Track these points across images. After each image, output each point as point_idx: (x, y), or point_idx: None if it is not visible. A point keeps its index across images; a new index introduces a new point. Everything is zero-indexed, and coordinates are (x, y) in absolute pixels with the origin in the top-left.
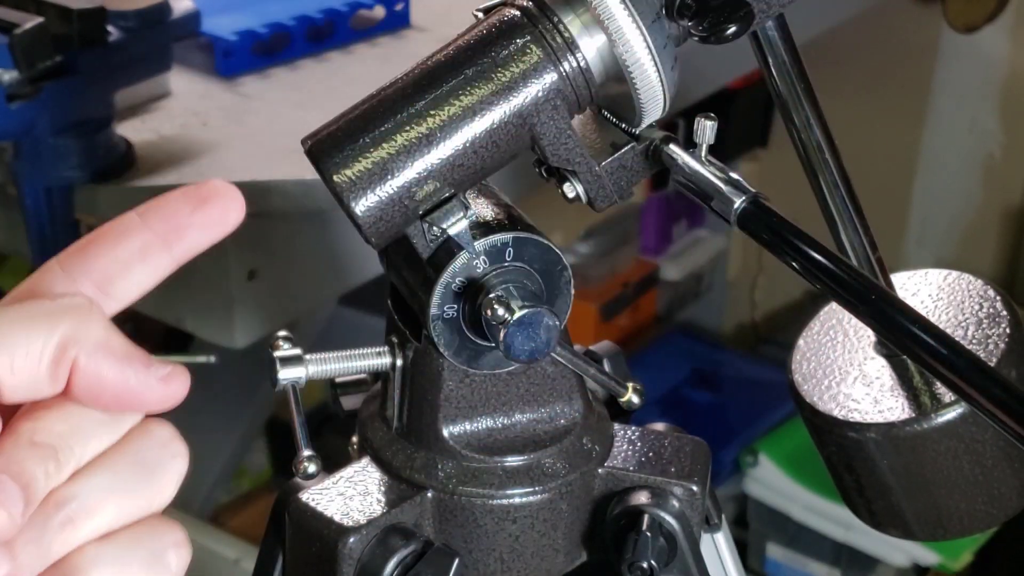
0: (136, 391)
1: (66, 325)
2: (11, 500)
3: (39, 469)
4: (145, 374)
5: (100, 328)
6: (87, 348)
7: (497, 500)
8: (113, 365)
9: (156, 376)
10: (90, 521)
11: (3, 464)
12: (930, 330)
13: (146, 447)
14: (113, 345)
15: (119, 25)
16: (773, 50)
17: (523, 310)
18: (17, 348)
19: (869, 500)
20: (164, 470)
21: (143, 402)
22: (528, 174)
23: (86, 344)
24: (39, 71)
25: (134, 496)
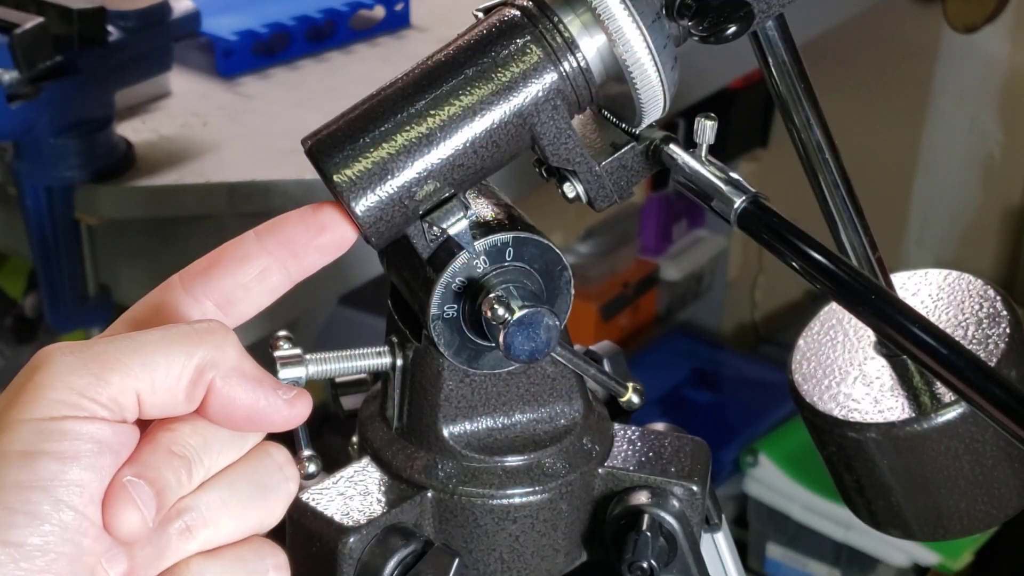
0: (265, 412)
1: (204, 350)
2: (146, 503)
3: (173, 477)
4: (274, 396)
5: (235, 353)
6: (223, 372)
7: (497, 500)
8: (246, 388)
9: (284, 398)
10: (205, 532)
11: (142, 470)
12: (930, 330)
13: (264, 468)
14: (246, 369)
15: (119, 25)
16: (773, 50)
17: (523, 310)
18: (158, 369)
19: (869, 500)
20: (277, 491)
21: (271, 422)
22: (528, 174)
23: (222, 368)
24: (39, 71)
25: (248, 513)
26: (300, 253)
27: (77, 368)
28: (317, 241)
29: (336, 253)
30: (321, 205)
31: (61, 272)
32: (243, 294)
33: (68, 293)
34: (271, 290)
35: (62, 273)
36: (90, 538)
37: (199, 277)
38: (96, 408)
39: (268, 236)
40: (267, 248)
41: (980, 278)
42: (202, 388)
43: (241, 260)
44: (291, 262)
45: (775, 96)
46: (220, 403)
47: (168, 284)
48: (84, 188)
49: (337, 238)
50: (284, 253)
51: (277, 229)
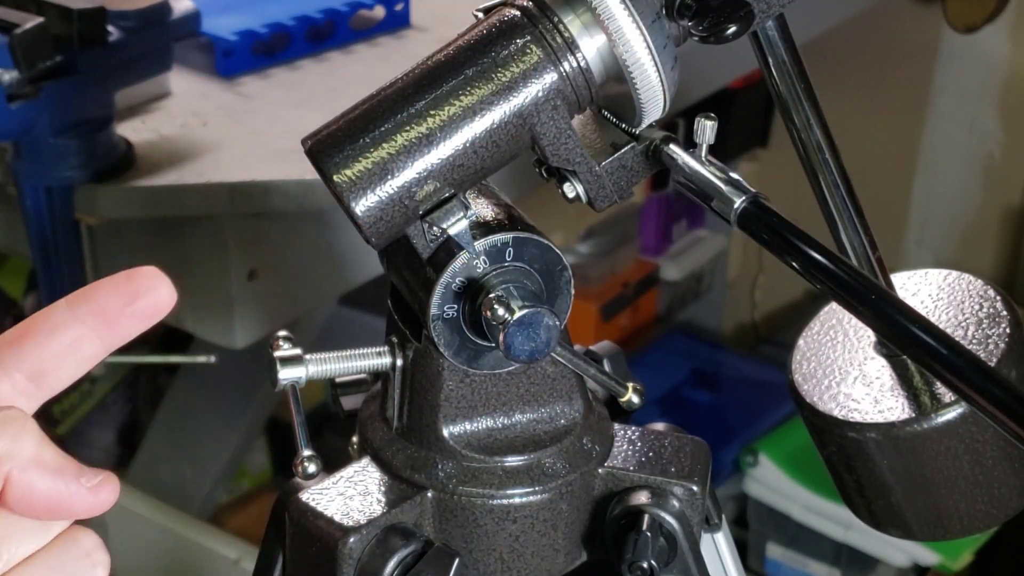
0: (67, 501)
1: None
2: None
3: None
4: (76, 485)
5: (33, 443)
6: (20, 464)
7: (497, 500)
8: (45, 478)
9: (87, 486)
10: None
11: None
12: (930, 330)
13: (69, 556)
14: (46, 459)
15: (119, 25)
16: (773, 50)
17: (523, 310)
18: None
19: (869, 500)
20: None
21: (74, 510)
22: (528, 174)
23: (19, 460)
24: (39, 71)
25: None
26: (113, 322)
27: None
28: (131, 309)
29: (152, 319)
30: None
31: (61, 272)
32: (55, 365)
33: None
34: (85, 360)
35: (62, 273)
36: None
37: (9, 349)
38: None
39: (80, 305)
40: (79, 317)
41: (980, 278)
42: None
43: (52, 331)
44: (104, 331)
45: (775, 96)
46: (19, 494)
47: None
48: (84, 188)
49: (151, 305)
50: (97, 322)
51: (89, 298)
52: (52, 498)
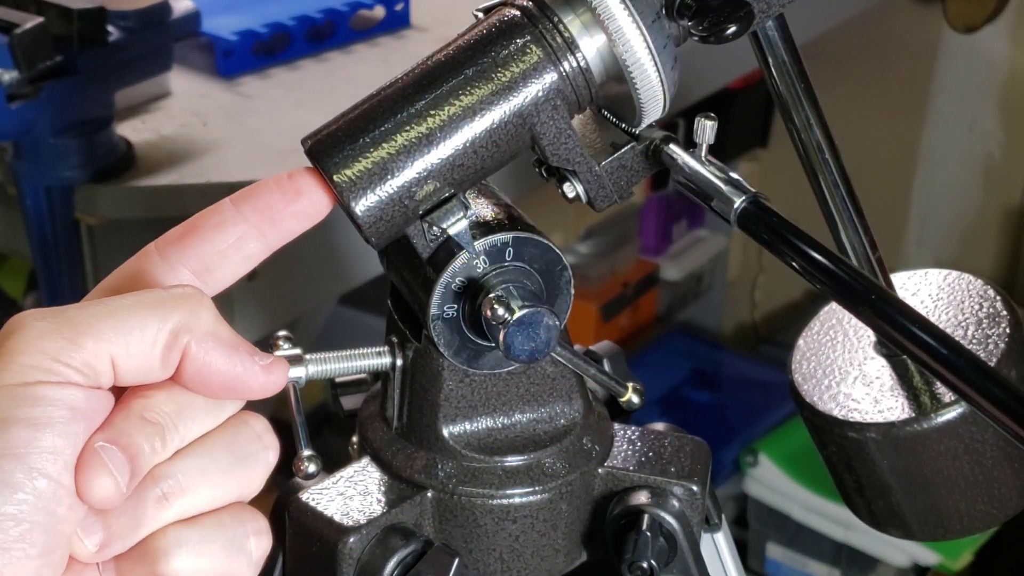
0: (241, 378)
1: (179, 314)
2: (120, 469)
3: (147, 444)
4: (250, 362)
5: (210, 318)
6: (198, 336)
7: (497, 500)
8: (222, 353)
9: (260, 364)
10: (182, 500)
11: (115, 436)
12: (930, 330)
13: (242, 436)
14: (222, 334)
15: (119, 25)
16: (773, 50)
17: (523, 310)
18: (132, 334)
19: (869, 500)
20: (256, 460)
21: (248, 388)
22: (528, 174)
23: (197, 333)
24: (39, 71)
25: (226, 481)
26: (277, 219)
27: (50, 333)
28: (293, 207)
29: (313, 220)
30: (297, 171)
31: (61, 272)
32: (220, 261)
33: (68, 293)
34: (248, 257)
35: (62, 273)
36: (65, 506)
37: (175, 244)
38: (69, 373)
39: (244, 203)
40: (244, 215)
41: (980, 278)
42: (177, 353)
43: (217, 227)
44: (268, 228)
45: (775, 96)
46: (195, 368)
47: (144, 252)
48: (84, 188)
49: (314, 204)
50: (261, 219)
51: (253, 195)
52: (227, 373)
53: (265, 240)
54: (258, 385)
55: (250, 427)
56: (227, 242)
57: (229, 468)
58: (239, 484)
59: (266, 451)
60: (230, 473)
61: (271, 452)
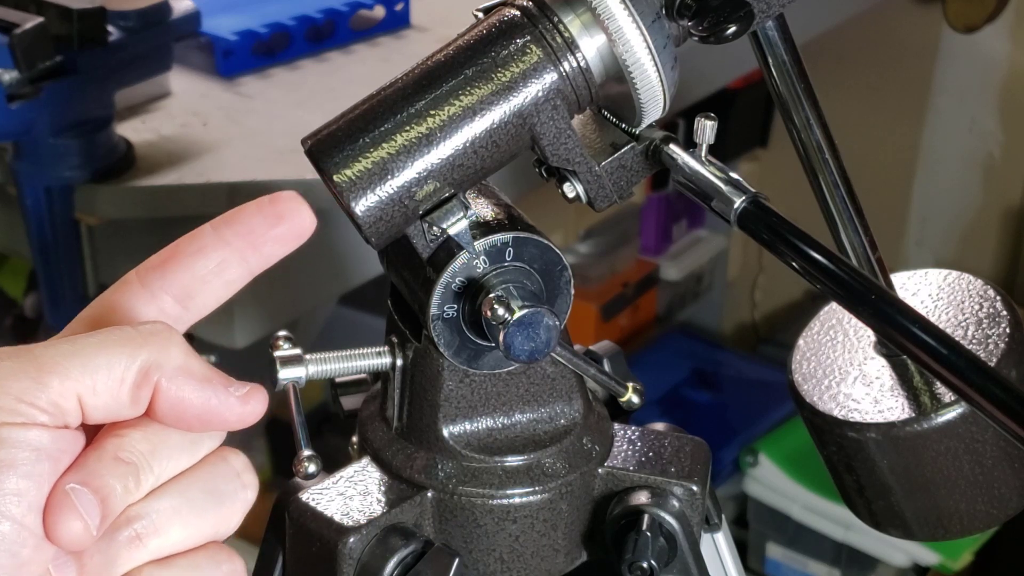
0: (217, 410)
1: (147, 351)
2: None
3: (119, 484)
4: (225, 394)
5: (180, 353)
6: (168, 372)
7: (497, 500)
8: (194, 387)
9: (235, 396)
10: (156, 540)
11: (86, 477)
12: (930, 330)
13: (220, 474)
14: (193, 368)
15: (119, 25)
16: (773, 50)
17: (523, 310)
18: (99, 372)
19: (869, 500)
20: (233, 499)
21: (224, 420)
22: (528, 174)
23: (167, 369)
24: (39, 71)
25: (201, 521)
26: (258, 244)
27: (15, 372)
28: (275, 232)
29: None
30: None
31: (61, 272)
32: (201, 287)
33: (68, 293)
34: (229, 283)
35: (62, 273)
36: (29, 548)
37: (155, 272)
38: (34, 413)
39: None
40: (224, 240)
41: (980, 278)
42: (148, 390)
43: (197, 252)
44: (250, 253)
45: (775, 96)
46: (168, 404)
47: (124, 281)
48: (84, 188)
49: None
50: (242, 244)
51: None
52: (202, 407)
53: (247, 265)
54: (235, 417)
55: (229, 464)
56: (208, 268)
57: (205, 508)
58: (215, 524)
59: (244, 489)
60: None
61: (249, 491)
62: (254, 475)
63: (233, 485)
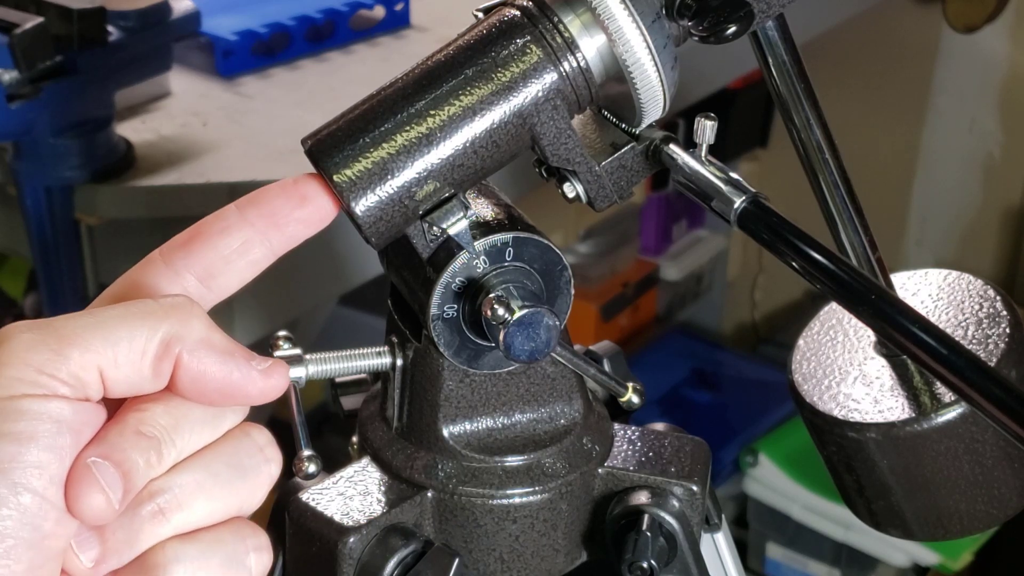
0: (239, 384)
1: (168, 324)
2: (112, 485)
3: (141, 458)
4: (247, 367)
5: (202, 326)
6: (189, 345)
7: (497, 500)
8: (216, 360)
9: (257, 369)
10: (179, 514)
11: (107, 451)
12: (930, 330)
13: (243, 449)
14: (215, 341)
15: (119, 25)
16: (773, 50)
17: (523, 310)
18: (120, 344)
19: (869, 500)
20: (257, 473)
21: (246, 395)
22: (528, 174)
23: (188, 341)
24: (39, 71)
25: (225, 495)
26: (282, 225)
27: (35, 344)
28: (298, 213)
29: (318, 225)
30: (302, 177)
31: (61, 272)
32: (225, 267)
33: (68, 293)
34: (253, 263)
35: (62, 273)
36: (51, 521)
37: (180, 251)
38: (55, 385)
39: (249, 208)
40: (248, 220)
41: (980, 278)
42: (169, 363)
43: (222, 232)
44: (273, 234)
45: (775, 96)
46: (190, 378)
47: (149, 259)
48: (84, 188)
49: (319, 210)
50: (266, 225)
51: (258, 201)
52: (223, 380)
53: (270, 245)
54: (256, 390)
55: (251, 439)
56: (231, 247)
57: (228, 482)
58: (239, 498)
59: (268, 464)
60: (229, 487)
61: (273, 465)
62: (277, 450)
63: (256, 459)
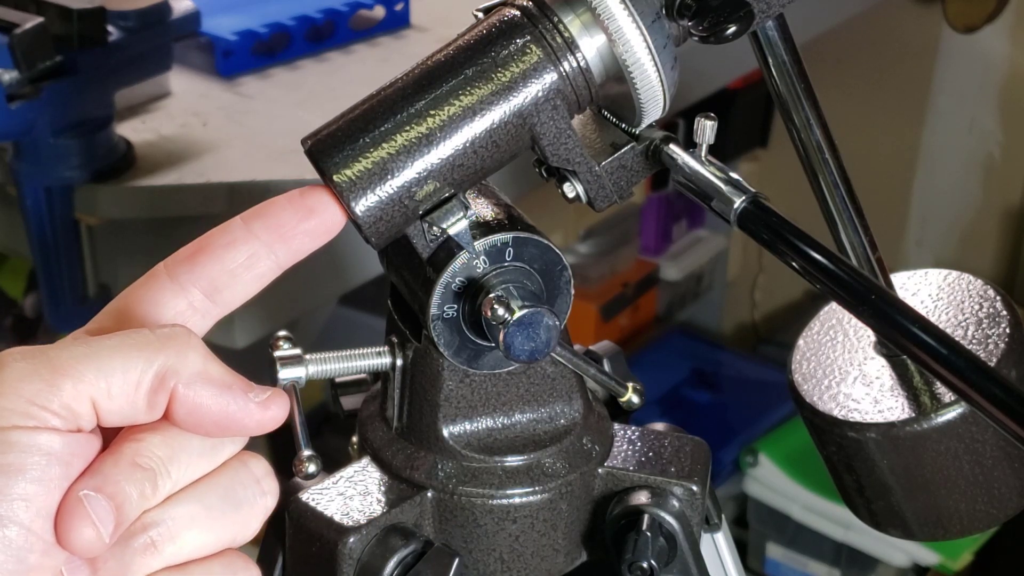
0: (236, 417)
1: (164, 356)
2: (103, 519)
3: (135, 490)
4: (244, 400)
5: (198, 358)
6: (185, 378)
7: (497, 500)
8: (212, 393)
9: (255, 401)
10: (172, 547)
11: (101, 483)
12: (930, 330)
13: (239, 480)
14: (212, 373)
15: (119, 25)
16: (773, 50)
17: (523, 310)
18: (114, 375)
19: (869, 500)
20: (252, 505)
21: (244, 427)
22: (528, 174)
23: (184, 374)
24: (39, 71)
25: (218, 528)
26: (288, 238)
27: (28, 375)
28: (305, 225)
29: (325, 237)
30: (309, 189)
31: (61, 272)
32: (230, 281)
33: (68, 293)
34: (259, 276)
35: (62, 273)
36: (37, 553)
37: (185, 264)
38: (47, 416)
39: (255, 221)
40: (255, 233)
41: (980, 278)
42: (164, 395)
43: (228, 246)
44: (279, 247)
45: (775, 96)
46: (186, 410)
47: (153, 273)
48: (84, 188)
49: (326, 222)
50: (272, 238)
51: (265, 214)
52: (220, 412)
53: (276, 258)
54: (254, 423)
55: (249, 470)
56: (237, 261)
57: (222, 514)
58: (232, 531)
59: (264, 496)
60: (223, 519)
61: (269, 497)
62: (274, 481)
63: (252, 491)
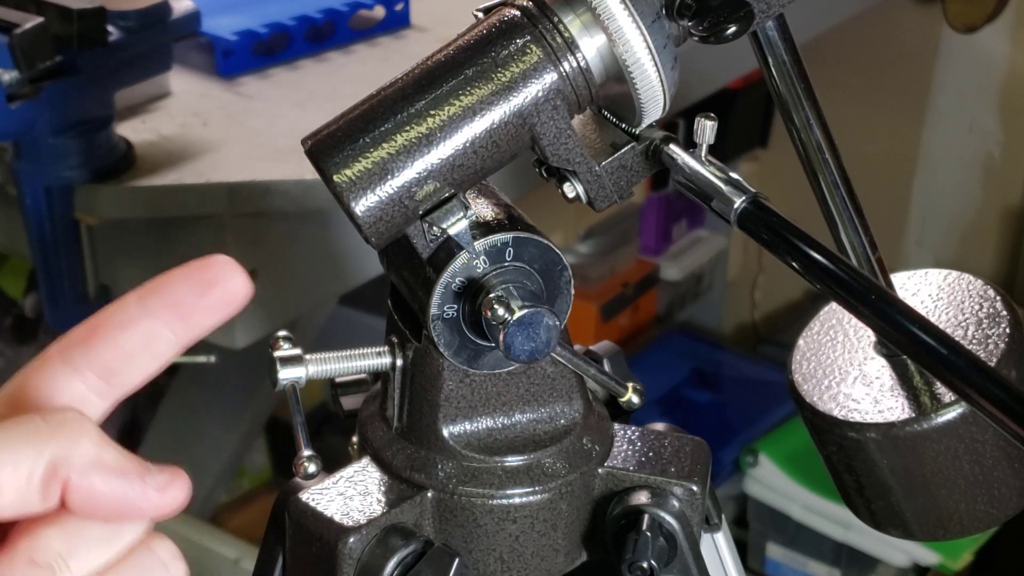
0: (133, 503)
1: (55, 444)
2: None
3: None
4: (141, 485)
5: (91, 445)
6: (78, 467)
7: (497, 500)
8: (107, 480)
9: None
10: None
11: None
12: (930, 330)
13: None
14: (106, 460)
15: (119, 25)
16: (773, 50)
17: (523, 310)
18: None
19: (869, 500)
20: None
21: (141, 512)
22: (528, 174)
23: (77, 463)
24: (39, 71)
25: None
26: (187, 315)
27: None
28: (205, 300)
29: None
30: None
31: (61, 272)
32: (127, 362)
33: (68, 293)
34: (158, 355)
35: (62, 273)
36: None
37: (78, 347)
38: None
39: (152, 298)
40: (151, 311)
41: (980, 278)
42: (57, 486)
43: (122, 326)
44: (178, 325)
45: (775, 96)
46: (81, 499)
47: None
48: (84, 188)
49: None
50: (170, 316)
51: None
52: (116, 499)
53: (176, 337)
54: (152, 507)
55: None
56: (133, 342)
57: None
58: None
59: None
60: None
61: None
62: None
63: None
